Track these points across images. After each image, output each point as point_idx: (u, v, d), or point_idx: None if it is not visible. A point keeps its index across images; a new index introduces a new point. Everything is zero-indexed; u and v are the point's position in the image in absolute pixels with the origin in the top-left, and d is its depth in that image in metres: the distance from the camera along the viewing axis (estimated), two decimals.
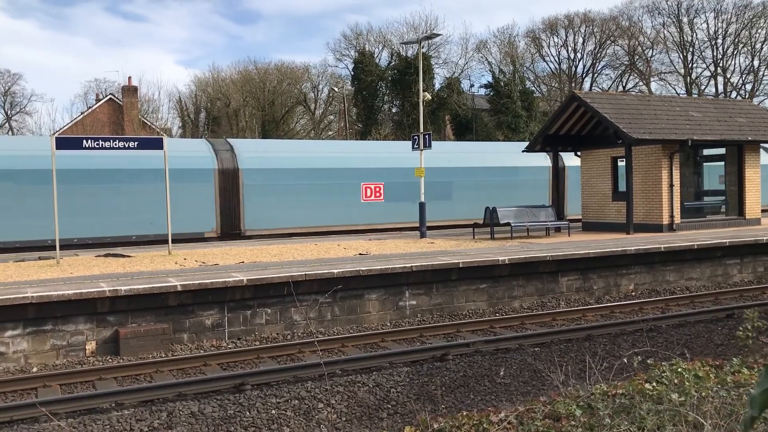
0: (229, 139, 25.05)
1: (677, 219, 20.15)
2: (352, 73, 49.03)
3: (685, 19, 53.53)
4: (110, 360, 10.29)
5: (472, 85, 53.44)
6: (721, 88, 54.44)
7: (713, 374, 5.51)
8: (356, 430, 7.79)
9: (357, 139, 44.88)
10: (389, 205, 24.88)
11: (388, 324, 12.62)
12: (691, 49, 54.37)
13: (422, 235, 20.52)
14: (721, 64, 53.83)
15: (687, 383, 5.12)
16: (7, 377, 9.18)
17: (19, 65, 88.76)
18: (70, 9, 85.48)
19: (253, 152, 23.61)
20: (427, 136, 20.89)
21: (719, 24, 52.54)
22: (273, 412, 8.01)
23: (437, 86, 47.63)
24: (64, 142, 15.56)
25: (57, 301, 10.28)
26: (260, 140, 36.68)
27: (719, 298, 14.44)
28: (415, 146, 21.11)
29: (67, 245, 18.74)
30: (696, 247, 16.13)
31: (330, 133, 57.33)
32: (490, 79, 49.42)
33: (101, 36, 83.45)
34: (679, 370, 5.49)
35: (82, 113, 46.03)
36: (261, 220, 22.80)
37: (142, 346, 10.57)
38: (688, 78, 54.78)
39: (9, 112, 57.70)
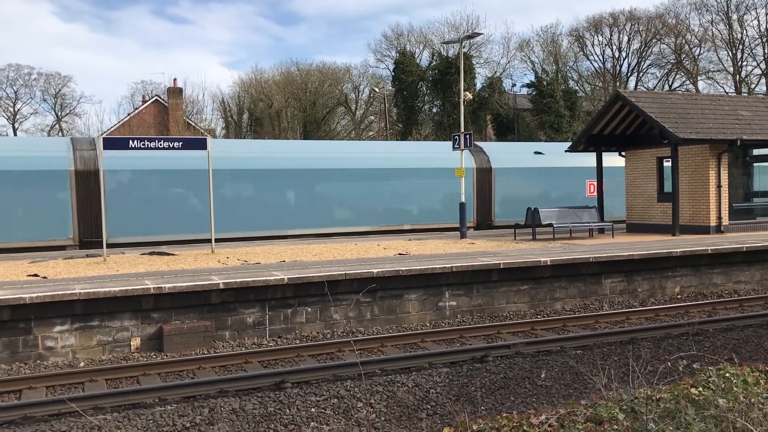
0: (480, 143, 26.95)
1: (725, 221, 19.65)
2: (393, 73, 49.06)
3: (734, 16, 52.16)
4: (154, 356, 10.49)
5: (513, 85, 53.05)
6: None
7: (763, 380, 5.36)
8: (395, 430, 7.78)
9: (398, 140, 44.91)
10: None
11: (428, 324, 12.59)
12: (740, 46, 52.95)
13: (462, 236, 20.42)
14: None
15: (735, 389, 4.98)
16: (55, 371, 9.43)
17: (69, 68, 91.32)
18: (117, 12, 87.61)
19: None
20: (468, 136, 20.78)
21: None
22: (312, 410, 8.05)
23: (478, 86, 47.33)
24: (111, 143, 15.97)
25: (103, 298, 10.52)
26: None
27: None
28: (456, 146, 21.01)
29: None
30: (745, 249, 15.70)
31: (371, 133, 57.48)
32: (532, 78, 48.92)
33: (147, 38, 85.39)
34: (727, 375, 5.35)
35: (128, 114, 47.08)
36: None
37: (185, 342, 10.75)
38: (738, 76, 53.36)
39: (59, 113, 59.35)
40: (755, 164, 22.34)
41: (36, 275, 13.01)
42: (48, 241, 19.52)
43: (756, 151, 21.80)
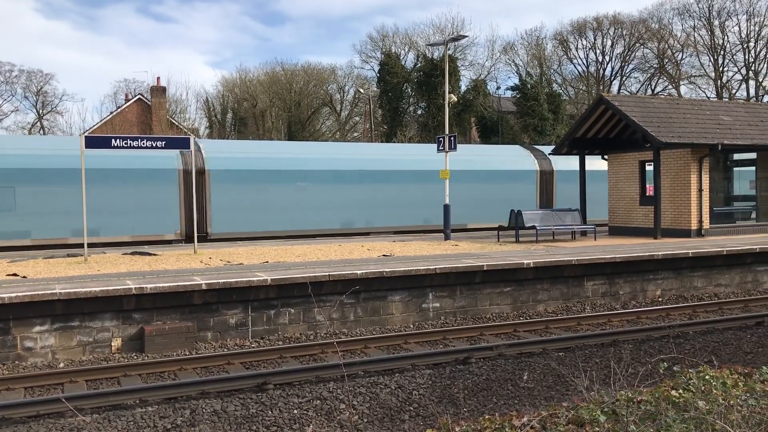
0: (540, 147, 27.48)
1: (706, 224, 19.84)
2: (378, 74, 49.04)
3: (716, 22, 52.71)
4: (135, 357, 10.40)
5: (498, 87, 53.39)
6: (752, 91, 53.51)
7: (742, 382, 5.40)
8: (378, 431, 7.77)
9: (383, 141, 44.90)
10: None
11: (411, 326, 12.60)
12: (722, 52, 53.51)
13: (446, 237, 20.46)
14: (753, 68, 52.90)
15: (714, 391, 5.02)
16: (34, 372, 9.32)
17: (51, 65, 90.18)
18: (102, 10, 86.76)
19: None
20: (452, 138, 20.82)
21: (751, 27, 51.66)
22: (295, 411, 8.03)
23: (463, 88, 47.43)
24: (93, 141, 15.82)
25: (84, 298, 10.42)
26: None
27: (749, 305, 14.19)
28: (440, 148, 21.04)
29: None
30: (725, 252, 15.87)
31: (356, 134, 57.44)
32: (516, 81, 49.10)
33: (132, 37, 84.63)
34: (707, 377, 5.39)
35: (111, 113, 46.65)
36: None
37: (167, 343, 10.67)
38: (719, 81, 53.93)
39: (41, 111, 58.69)
40: (735, 169, 22.60)
41: (16, 275, 12.86)
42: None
43: (736, 156, 22.06)
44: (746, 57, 52.75)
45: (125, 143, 15.54)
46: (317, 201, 23.22)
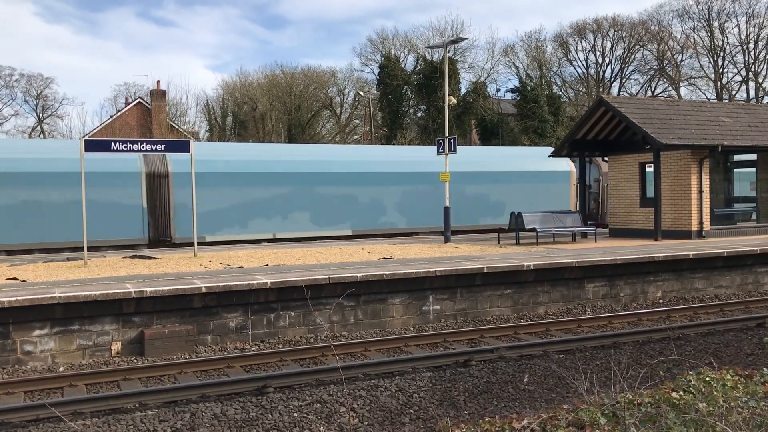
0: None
1: (707, 226, 19.83)
2: (378, 77, 49.10)
3: (715, 24, 52.84)
4: (135, 360, 10.38)
5: (498, 90, 53.50)
6: (752, 93, 53.56)
7: (742, 384, 5.39)
8: None
9: (383, 143, 44.91)
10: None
11: (412, 329, 12.58)
12: (721, 53, 53.61)
13: (447, 240, 20.45)
14: (752, 69, 52.97)
15: (715, 393, 5.01)
16: (34, 376, 9.31)
17: (52, 69, 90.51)
18: (102, 14, 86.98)
19: None
20: (452, 141, 20.81)
21: (751, 28, 51.75)
22: (295, 415, 8.01)
23: (463, 91, 47.50)
24: (93, 145, 15.82)
25: (84, 302, 10.40)
26: None
27: (749, 306, 14.16)
28: (440, 150, 21.04)
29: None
30: (726, 254, 15.85)
31: (356, 137, 57.47)
32: (516, 83, 49.23)
33: (132, 40, 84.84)
34: (707, 379, 5.38)
35: (111, 116, 46.70)
36: None
37: (167, 347, 10.66)
38: (719, 83, 53.99)
39: (41, 115, 58.76)
40: (736, 170, 22.59)
41: (15, 278, 12.85)
42: None
43: (736, 157, 22.06)
44: (746, 58, 52.84)
45: (124, 147, 15.53)
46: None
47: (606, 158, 22.57)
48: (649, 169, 20.76)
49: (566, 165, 27.13)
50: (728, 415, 4.58)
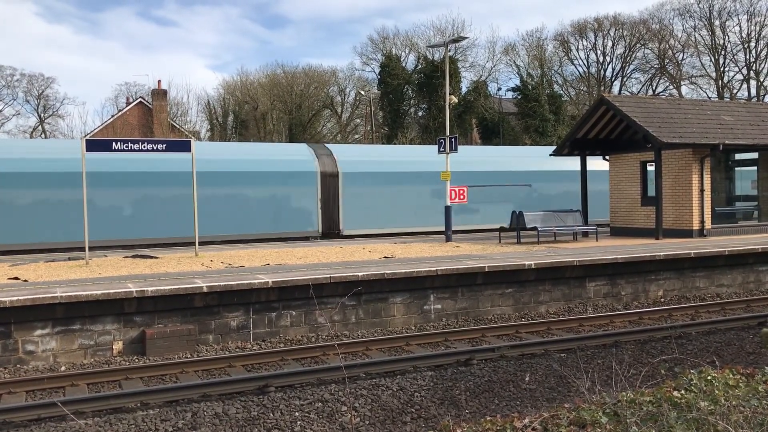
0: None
1: (708, 225, 19.81)
2: (379, 76, 49.09)
3: (717, 22, 52.73)
4: (136, 360, 10.39)
5: (499, 89, 53.33)
6: (753, 91, 53.48)
7: (744, 383, 5.38)
8: None
9: (383, 143, 44.91)
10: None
11: (413, 328, 12.58)
12: (723, 52, 53.52)
13: (448, 239, 20.44)
14: (754, 68, 52.89)
15: (716, 391, 5.01)
16: (35, 375, 9.32)
17: (53, 69, 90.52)
18: (103, 14, 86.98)
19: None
20: (453, 140, 20.81)
21: (752, 27, 51.67)
22: (296, 414, 8.02)
23: (464, 90, 47.48)
24: (94, 145, 15.83)
25: (85, 301, 10.41)
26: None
27: (751, 305, 14.16)
28: (441, 150, 21.03)
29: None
30: (727, 253, 15.84)
31: (357, 136, 57.45)
32: (517, 82, 49.18)
33: (133, 40, 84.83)
34: (709, 378, 5.38)
35: (112, 116, 46.71)
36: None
37: (168, 346, 10.66)
38: (720, 81, 53.92)
39: (42, 115, 58.78)
40: (737, 169, 22.57)
41: (17, 278, 12.87)
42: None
43: (738, 156, 22.04)
44: (747, 57, 52.76)
45: (126, 146, 15.54)
46: None
47: (607, 157, 22.55)
48: (651, 168, 20.75)
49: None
50: (730, 414, 4.58)
